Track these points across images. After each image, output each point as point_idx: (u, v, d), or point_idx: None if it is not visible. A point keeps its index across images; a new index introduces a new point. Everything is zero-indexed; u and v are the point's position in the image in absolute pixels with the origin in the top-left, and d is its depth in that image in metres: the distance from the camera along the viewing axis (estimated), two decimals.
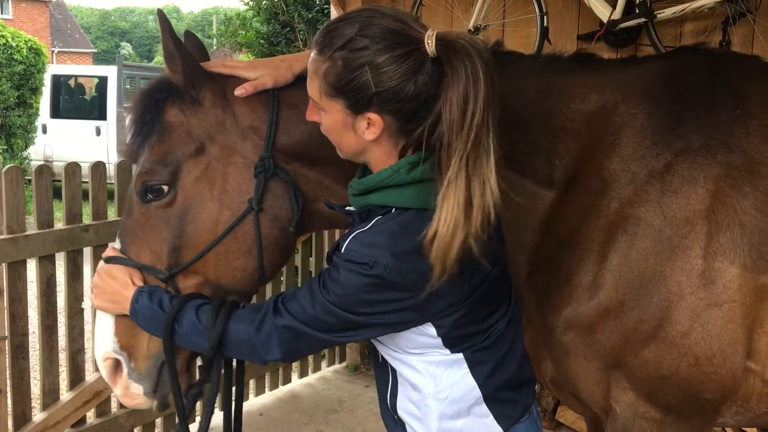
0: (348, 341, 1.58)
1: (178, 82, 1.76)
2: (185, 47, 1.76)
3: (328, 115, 1.52)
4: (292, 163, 1.81)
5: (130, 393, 1.81)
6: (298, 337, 1.54)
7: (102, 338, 1.79)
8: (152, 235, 1.78)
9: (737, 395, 1.84)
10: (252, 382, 4.55)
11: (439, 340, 1.55)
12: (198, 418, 4.08)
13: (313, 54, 1.51)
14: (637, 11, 3.75)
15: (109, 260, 1.79)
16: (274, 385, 4.70)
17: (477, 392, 1.59)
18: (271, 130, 1.77)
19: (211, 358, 1.64)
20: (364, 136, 1.50)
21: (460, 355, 1.57)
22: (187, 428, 1.84)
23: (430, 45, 1.42)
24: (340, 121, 1.50)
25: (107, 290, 1.75)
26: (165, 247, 1.77)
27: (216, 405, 1.88)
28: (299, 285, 4.75)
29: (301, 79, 1.74)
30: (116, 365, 1.81)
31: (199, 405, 4.12)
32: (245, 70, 1.81)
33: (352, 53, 1.43)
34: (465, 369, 1.58)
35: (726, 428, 3.68)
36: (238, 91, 1.77)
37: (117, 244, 1.82)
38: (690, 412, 1.85)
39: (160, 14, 1.73)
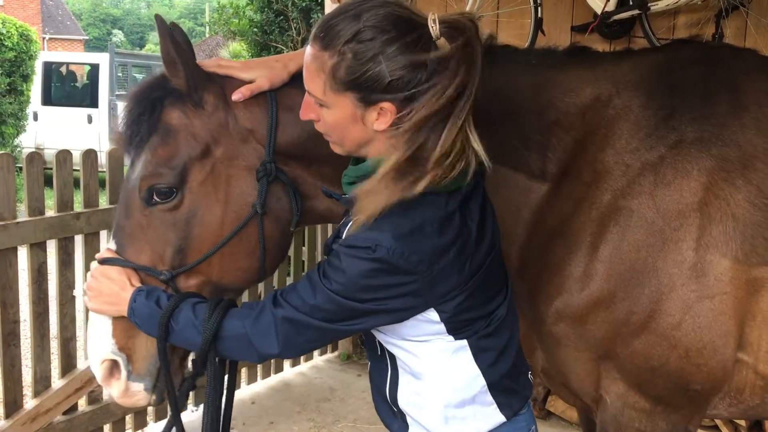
0: (351, 331, 1.55)
1: (180, 87, 1.75)
2: (185, 51, 1.73)
3: (334, 111, 1.49)
4: (290, 164, 1.81)
5: (130, 392, 1.80)
6: (298, 329, 1.53)
7: (98, 341, 1.77)
8: (155, 237, 1.77)
9: (729, 387, 1.85)
10: (244, 371, 4.55)
11: (442, 326, 1.54)
12: (189, 406, 4.09)
13: (314, 50, 1.47)
14: (631, 3, 3.74)
15: (106, 262, 1.77)
16: (266, 374, 4.71)
17: (481, 380, 1.58)
18: (271, 133, 1.76)
19: (205, 351, 1.62)
20: (373, 127, 1.48)
21: (465, 342, 1.57)
22: (181, 424, 1.82)
23: (434, 29, 1.42)
24: (348, 115, 1.48)
25: (104, 292, 1.74)
26: (169, 248, 1.76)
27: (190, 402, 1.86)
28: (291, 274, 4.78)
29: (296, 79, 1.73)
30: (112, 367, 1.79)
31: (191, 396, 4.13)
32: (241, 70, 1.79)
33: (363, 44, 1.41)
34: (469, 356, 1.57)
35: (716, 420, 3.71)
36: (236, 96, 1.75)
37: (112, 246, 1.80)
38: (679, 403, 1.86)
39: (159, 20, 1.70)
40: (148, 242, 1.77)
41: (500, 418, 1.61)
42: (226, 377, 1.87)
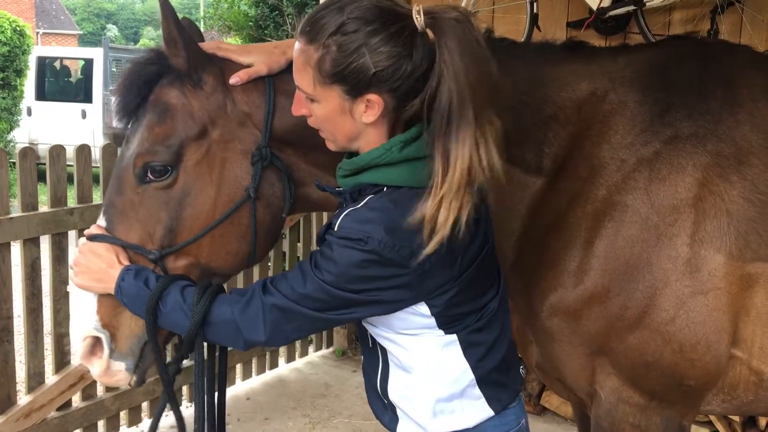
0: (341, 320, 1.56)
1: (180, 67, 1.74)
2: (187, 31, 1.74)
3: (323, 105, 1.50)
4: (286, 150, 1.81)
5: (111, 371, 1.78)
6: (286, 317, 1.53)
7: (82, 317, 1.75)
8: (146, 215, 1.76)
9: (723, 383, 1.85)
10: (239, 367, 4.56)
11: (433, 320, 1.54)
12: (183, 402, 4.08)
13: (300, 45, 1.49)
14: None
15: (94, 238, 1.76)
16: (260, 370, 4.71)
17: (470, 374, 1.60)
18: (268, 118, 1.76)
19: (193, 335, 1.61)
20: (362, 120, 1.49)
21: (454, 337, 1.57)
22: (175, 400, 1.81)
23: (418, 20, 1.43)
24: (337, 108, 1.49)
25: (91, 268, 1.72)
26: (160, 228, 1.75)
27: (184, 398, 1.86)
28: (287, 270, 4.77)
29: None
30: (94, 344, 1.77)
31: (185, 391, 4.12)
32: (239, 54, 1.80)
33: (346, 37, 1.42)
34: (458, 351, 1.58)
35: (710, 416, 3.73)
36: (233, 80, 1.75)
37: (102, 222, 1.79)
38: (673, 398, 1.87)
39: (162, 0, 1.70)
40: (138, 220, 1.76)
41: (489, 412, 1.62)
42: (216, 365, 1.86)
